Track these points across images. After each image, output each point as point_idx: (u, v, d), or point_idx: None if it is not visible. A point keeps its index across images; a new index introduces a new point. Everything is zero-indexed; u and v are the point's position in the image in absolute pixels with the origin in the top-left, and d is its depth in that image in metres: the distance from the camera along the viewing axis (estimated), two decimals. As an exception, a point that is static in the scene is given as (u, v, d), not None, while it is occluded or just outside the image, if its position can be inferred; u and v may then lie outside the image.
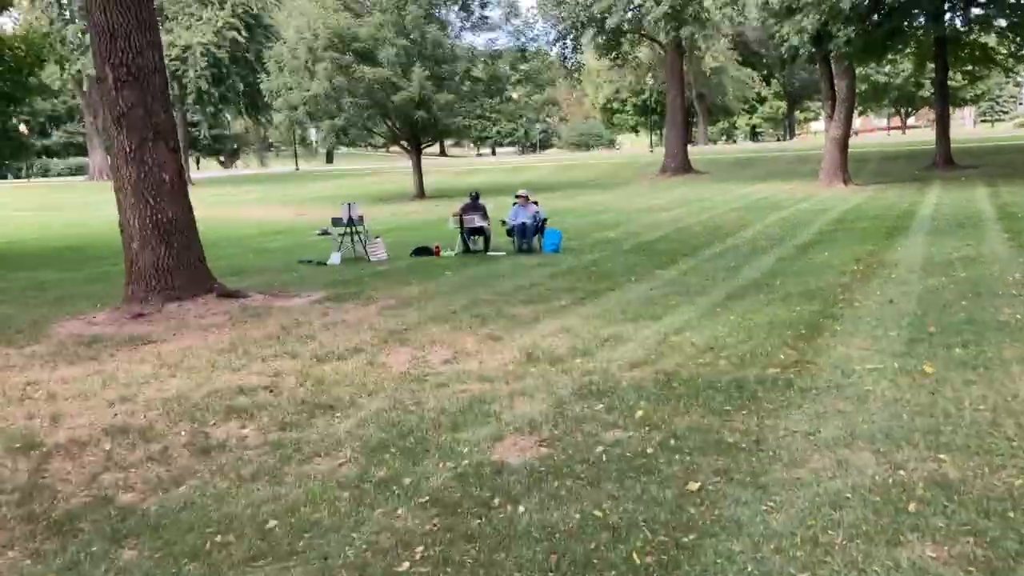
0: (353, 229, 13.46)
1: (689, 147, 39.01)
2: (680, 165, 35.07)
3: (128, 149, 9.50)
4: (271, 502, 4.15)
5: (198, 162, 71.79)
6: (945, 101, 30.59)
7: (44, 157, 71.75)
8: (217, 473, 4.59)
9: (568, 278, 10.69)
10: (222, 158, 78.83)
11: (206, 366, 6.94)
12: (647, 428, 4.85)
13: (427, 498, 4.07)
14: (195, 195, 39.67)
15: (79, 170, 66.11)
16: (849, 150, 26.77)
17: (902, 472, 4.08)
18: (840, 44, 22.28)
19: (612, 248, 13.63)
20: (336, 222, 13.77)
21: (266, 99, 32.04)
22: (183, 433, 5.29)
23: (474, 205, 14.04)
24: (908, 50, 33.07)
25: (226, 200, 34.67)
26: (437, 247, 13.71)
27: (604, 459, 4.41)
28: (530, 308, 8.76)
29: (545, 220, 13.87)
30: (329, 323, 8.43)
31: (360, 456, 4.69)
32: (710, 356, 6.37)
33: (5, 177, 65.60)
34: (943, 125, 30.47)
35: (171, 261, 9.57)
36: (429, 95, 27.16)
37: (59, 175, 68.04)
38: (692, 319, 7.78)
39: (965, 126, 75.46)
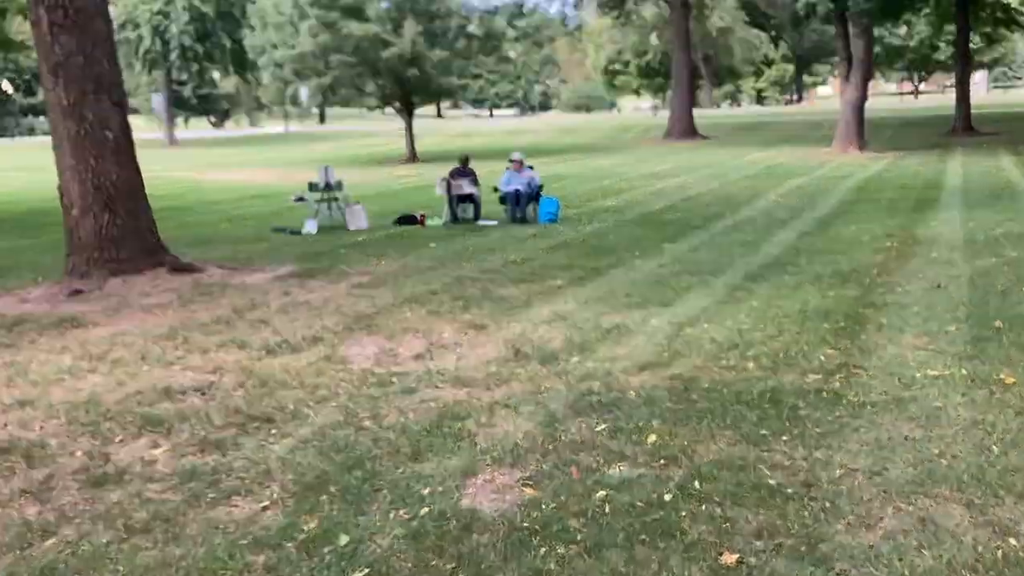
0: (331, 195, 12.27)
1: (694, 111, 37.54)
2: (685, 129, 33.70)
3: (66, 103, 8.31)
4: (158, 570, 3.08)
5: (186, 121, 69.94)
6: (966, 64, 29.17)
7: (31, 116, 69.94)
8: (102, 518, 3.51)
9: (565, 252, 9.57)
10: (213, 118, 76.96)
11: (135, 358, 5.84)
12: (662, 461, 3.77)
13: (367, 571, 3.00)
14: (179, 156, 38.21)
15: (67, 129, 64.32)
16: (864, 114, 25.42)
17: (1013, 541, 3.01)
18: (860, 0, 20.86)
19: (614, 218, 12.47)
20: (312, 187, 12.58)
21: (251, 56, 30.49)
22: (79, 454, 4.22)
23: (463, 170, 12.84)
24: (926, 10, 31.59)
25: (210, 162, 33.33)
26: (422, 216, 12.55)
27: (607, 510, 3.33)
28: (521, 288, 7.65)
29: (541, 187, 12.69)
30: (290, 304, 7.32)
31: (289, 497, 3.61)
32: (734, 356, 5.27)
33: (-8, 136, 64.02)
34: (963, 89, 29.08)
35: (116, 230, 8.42)
36: (421, 52, 25.73)
37: (46, 134, 66.26)
38: (709, 306, 6.68)
39: (979, 91, 73.61)
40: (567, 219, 12.37)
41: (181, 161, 34.13)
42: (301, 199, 12.85)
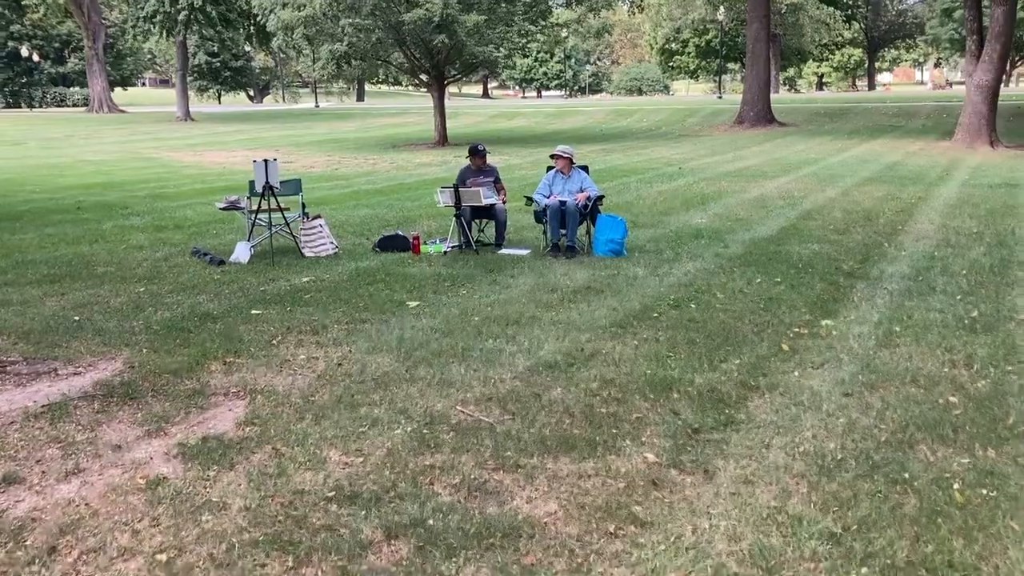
0: (274, 204, 7.89)
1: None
2: (761, 114, 28.65)
3: None
4: None
5: (220, 96, 66.45)
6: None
7: (60, 86, 66.98)
8: None
9: (649, 337, 5.13)
10: (251, 92, 73.34)
11: None
12: None
13: None
14: (185, 132, 33.76)
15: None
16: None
17: None
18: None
19: (713, 253, 7.95)
20: (253, 190, 8.29)
21: (258, 19, 26.29)
22: None
23: (479, 167, 8.42)
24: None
25: (214, 140, 29.37)
26: (416, 238, 8.18)
27: None
28: (564, 474, 3.27)
29: (601, 198, 8.20)
30: (12, 527, 3.04)
31: None
32: None
33: (19, 106, 61.24)
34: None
35: None
36: (454, 15, 21.25)
37: (75, 105, 63.21)
38: None
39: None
40: (638, 249, 7.92)
41: (184, 139, 30.28)
42: (235, 207, 8.52)
